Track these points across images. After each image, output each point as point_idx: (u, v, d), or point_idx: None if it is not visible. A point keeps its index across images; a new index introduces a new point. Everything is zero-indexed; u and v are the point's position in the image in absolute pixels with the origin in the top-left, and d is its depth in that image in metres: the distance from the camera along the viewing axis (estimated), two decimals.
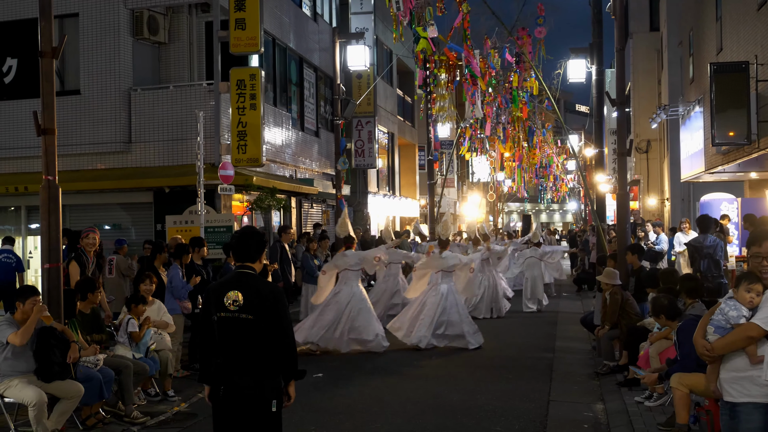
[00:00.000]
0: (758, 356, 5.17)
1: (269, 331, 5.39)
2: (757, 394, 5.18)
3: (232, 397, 5.44)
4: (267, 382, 5.41)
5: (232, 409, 5.46)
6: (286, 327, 5.49)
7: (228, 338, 5.44)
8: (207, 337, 5.61)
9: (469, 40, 22.07)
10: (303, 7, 24.62)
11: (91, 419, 8.90)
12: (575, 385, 11.29)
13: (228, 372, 5.43)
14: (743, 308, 5.32)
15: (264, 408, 5.40)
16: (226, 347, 5.45)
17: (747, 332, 5.18)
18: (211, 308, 5.52)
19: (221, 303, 5.44)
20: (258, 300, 5.41)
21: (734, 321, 5.32)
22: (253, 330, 5.37)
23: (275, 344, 5.42)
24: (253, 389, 5.36)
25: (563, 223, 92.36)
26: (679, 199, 28.07)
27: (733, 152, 16.73)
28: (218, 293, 5.49)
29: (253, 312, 5.39)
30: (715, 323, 5.45)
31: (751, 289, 5.33)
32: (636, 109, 33.84)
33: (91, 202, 18.87)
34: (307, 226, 23.85)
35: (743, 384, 5.23)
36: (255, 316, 5.39)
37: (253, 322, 5.38)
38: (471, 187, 51.23)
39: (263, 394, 5.41)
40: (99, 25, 18.67)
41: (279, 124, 21.44)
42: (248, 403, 5.38)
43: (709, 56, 19.30)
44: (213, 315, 5.50)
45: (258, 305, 5.40)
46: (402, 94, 37.36)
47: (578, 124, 69.03)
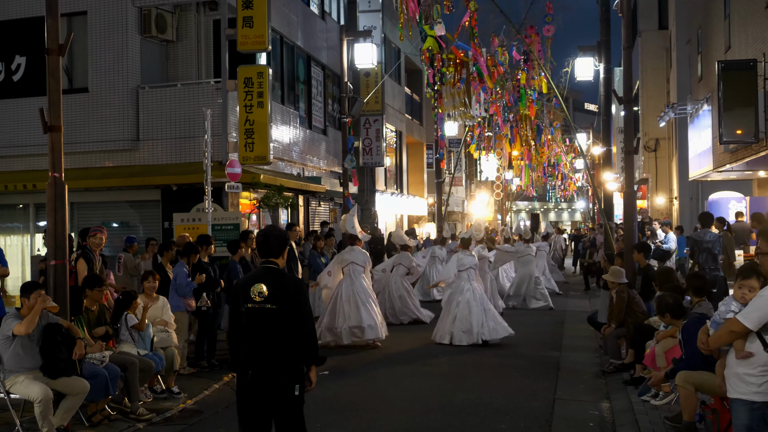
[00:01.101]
0: (744, 352, 5.22)
1: (291, 320, 5.86)
2: (744, 392, 5.27)
3: (258, 381, 5.85)
4: (290, 368, 5.86)
5: (258, 393, 5.87)
6: (307, 316, 5.95)
7: (254, 327, 5.90)
8: (236, 328, 6.04)
9: (477, 38, 22.02)
10: (311, 5, 24.63)
11: (97, 416, 8.92)
12: (581, 384, 11.29)
13: (255, 358, 5.85)
14: (733, 303, 5.42)
15: (287, 392, 5.84)
16: (252, 335, 5.90)
17: (730, 326, 5.29)
18: (239, 300, 5.97)
19: (248, 295, 5.91)
20: (281, 292, 5.89)
21: (722, 316, 5.42)
22: (277, 319, 5.85)
23: (297, 332, 5.88)
24: (278, 374, 5.80)
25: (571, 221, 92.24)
26: (687, 197, 28.01)
27: (741, 150, 16.69)
28: (246, 286, 5.97)
29: (277, 302, 5.86)
30: (714, 319, 5.57)
31: (743, 285, 5.42)
32: (644, 107, 33.78)
33: (99, 199, 18.90)
34: (315, 224, 23.84)
35: (734, 380, 5.34)
36: (279, 307, 5.86)
37: (277, 311, 5.85)
38: (479, 185, 51.19)
39: (287, 379, 5.84)
40: (107, 22, 18.69)
41: (286, 122, 21.45)
42: (273, 387, 5.80)
43: (718, 54, 19.25)
44: (241, 306, 5.95)
45: (281, 296, 5.88)
46: (410, 92, 37.33)
47: (587, 122, 68.95)
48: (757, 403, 5.18)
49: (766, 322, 5.12)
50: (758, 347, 5.18)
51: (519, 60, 26.20)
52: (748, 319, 5.14)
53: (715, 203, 22.49)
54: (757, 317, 5.12)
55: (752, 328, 5.12)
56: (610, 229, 18.48)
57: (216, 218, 16.29)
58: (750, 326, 5.12)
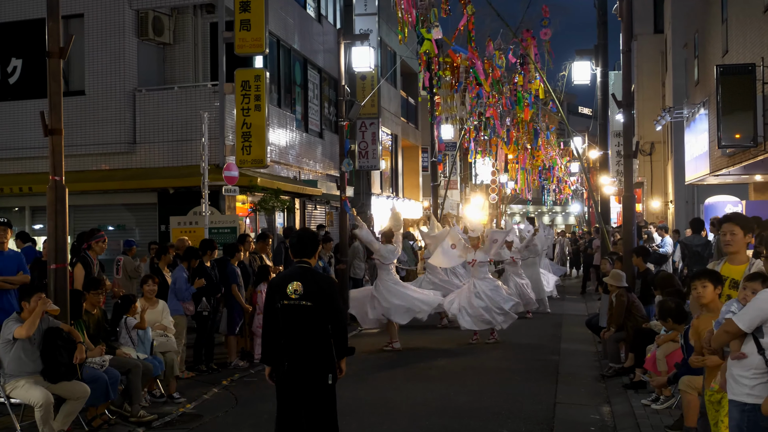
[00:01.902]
0: (737, 353, 5.25)
1: (324, 316, 6.40)
2: (737, 393, 5.33)
3: (294, 372, 6.39)
4: (323, 359, 6.41)
5: (294, 383, 6.41)
6: (338, 311, 6.54)
7: (290, 322, 6.41)
8: (270, 323, 6.57)
9: (474, 42, 22.03)
10: (307, 8, 24.61)
11: (97, 420, 8.90)
12: (581, 388, 11.29)
13: (290, 350, 6.39)
14: (734, 304, 5.47)
15: (321, 381, 6.40)
16: (288, 330, 6.41)
17: (725, 327, 5.38)
18: (275, 297, 6.49)
19: (284, 292, 6.43)
20: (316, 289, 6.42)
21: (722, 316, 5.48)
22: (312, 315, 6.39)
23: (330, 326, 6.44)
24: (312, 365, 6.33)
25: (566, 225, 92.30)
26: (683, 201, 28.03)
27: (738, 154, 16.71)
28: (281, 284, 6.51)
29: (312, 299, 6.39)
30: (718, 320, 5.58)
31: (747, 287, 5.49)
32: (640, 111, 33.82)
33: (95, 202, 18.83)
34: (311, 228, 23.81)
35: (729, 381, 5.39)
36: (313, 303, 6.39)
37: (311, 308, 6.38)
38: (474, 189, 51.19)
39: (320, 369, 6.40)
40: (104, 25, 18.64)
41: (283, 125, 21.43)
42: (307, 377, 6.34)
43: (715, 58, 19.27)
44: (276, 303, 6.46)
45: (315, 293, 6.41)
46: (406, 96, 37.33)
47: (581, 126, 68.98)
48: (749, 405, 5.20)
49: (761, 325, 5.14)
50: (752, 349, 5.20)
51: (515, 62, 26.19)
52: (741, 321, 5.18)
53: (711, 207, 22.49)
54: (749, 319, 5.16)
55: (745, 330, 5.16)
56: (607, 233, 18.49)
57: (213, 221, 16.25)
58: (743, 327, 5.16)
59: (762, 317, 5.12)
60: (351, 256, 20.16)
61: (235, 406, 10.29)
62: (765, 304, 5.13)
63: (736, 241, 6.56)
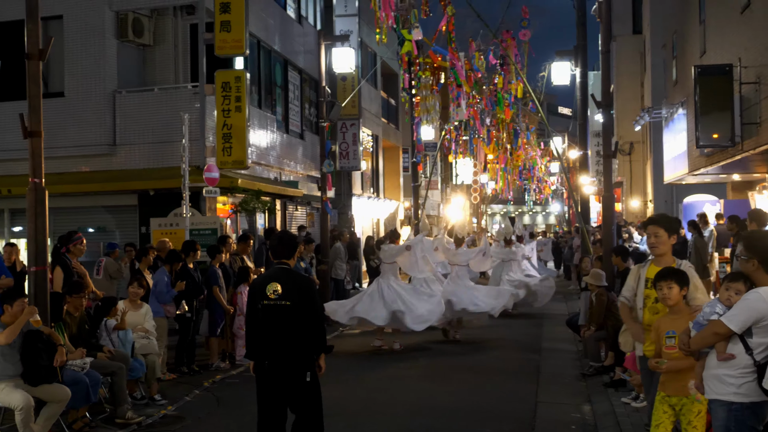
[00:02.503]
0: (725, 354, 5.26)
1: (303, 315, 6.60)
2: (722, 392, 5.30)
3: (274, 369, 6.62)
4: (301, 357, 6.63)
5: (274, 380, 6.64)
6: (317, 311, 6.81)
7: (270, 321, 6.64)
8: (252, 322, 6.81)
9: (454, 42, 22.09)
10: (288, 9, 24.58)
11: (78, 423, 8.87)
12: (562, 387, 11.35)
13: (270, 349, 6.63)
14: (718, 305, 5.44)
15: (300, 377, 6.61)
16: (268, 329, 6.65)
17: (714, 328, 5.31)
18: (256, 297, 6.74)
19: (264, 293, 6.67)
20: (294, 289, 6.66)
21: (706, 317, 5.45)
22: (291, 314, 6.61)
23: (308, 325, 6.64)
24: (291, 363, 6.54)
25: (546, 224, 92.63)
26: (662, 200, 28.22)
27: (716, 154, 16.83)
28: (262, 285, 6.76)
29: (290, 299, 6.63)
30: (696, 321, 5.59)
31: (730, 287, 5.46)
32: (619, 111, 34.00)
33: (75, 204, 18.72)
34: (292, 229, 23.79)
35: (714, 381, 5.37)
36: (292, 303, 6.62)
37: (290, 307, 6.61)
38: (455, 189, 51.30)
39: (299, 367, 6.62)
40: (83, 27, 18.55)
41: (264, 126, 21.40)
42: (287, 374, 6.55)
43: (693, 59, 19.40)
44: (258, 303, 6.70)
45: (294, 293, 6.64)
46: (386, 97, 37.33)
47: (561, 126, 69.25)
48: (736, 404, 5.22)
49: (751, 326, 5.17)
50: (740, 349, 5.21)
51: (495, 64, 26.29)
52: (733, 322, 5.17)
53: (690, 206, 22.71)
54: (742, 320, 5.16)
55: (737, 331, 5.16)
56: (587, 232, 18.59)
57: (194, 223, 16.22)
58: (735, 329, 5.16)
59: (754, 318, 5.13)
60: (332, 257, 20.17)
61: (217, 408, 10.28)
62: (756, 304, 5.14)
63: (661, 242, 6.67)
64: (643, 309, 6.67)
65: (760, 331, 5.14)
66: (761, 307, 5.11)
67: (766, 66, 13.12)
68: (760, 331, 5.13)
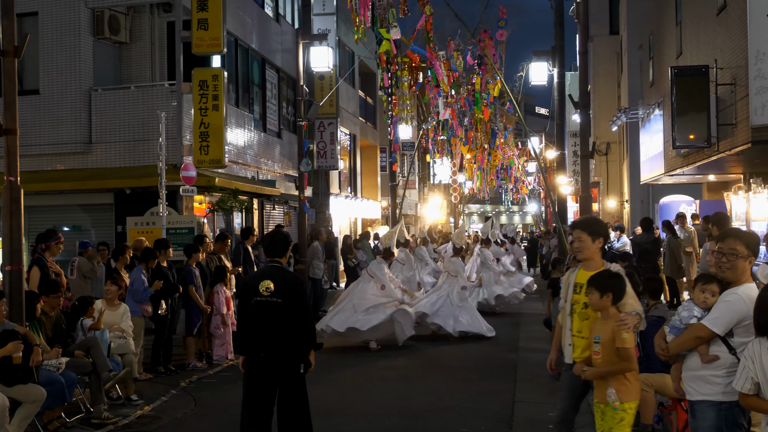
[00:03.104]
0: (709, 356, 5.26)
1: (293, 311, 6.85)
2: (709, 393, 5.27)
3: (269, 361, 6.88)
4: (292, 351, 6.90)
5: (268, 371, 6.89)
6: (306, 308, 7.07)
7: (263, 317, 6.90)
8: (244, 318, 7.11)
9: (432, 42, 22.10)
10: (265, 7, 24.52)
11: (54, 423, 8.79)
12: (539, 386, 11.35)
13: (265, 343, 6.87)
14: (695, 308, 5.41)
15: (293, 370, 6.91)
16: (262, 324, 6.90)
17: (696, 332, 5.29)
18: (249, 294, 7.00)
19: (257, 290, 6.92)
20: (285, 287, 6.90)
21: (685, 321, 5.41)
22: (282, 310, 6.85)
23: (298, 321, 6.90)
24: (284, 355, 6.75)
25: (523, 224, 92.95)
26: (638, 201, 28.37)
27: (692, 155, 16.95)
28: (254, 282, 7.01)
29: (282, 296, 6.87)
30: (671, 324, 5.55)
31: (705, 290, 5.43)
32: (596, 111, 34.13)
33: (51, 203, 18.59)
34: (269, 228, 23.74)
35: (698, 383, 5.33)
36: (283, 300, 6.87)
37: (281, 304, 6.86)
38: (432, 188, 51.35)
39: (292, 359, 6.90)
40: (59, 24, 18.43)
41: (241, 125, 21.33)
42: (280, 367, 6.77)
43: (669, 60, 19.52)
44: (250, 299, 6.96)
45: (285, 291, 6.89)
46: (364, 96, 37.32)
47: (538, 126, 69.41)
48: (725, 403, 5.21)
49: (732, 326, 5.17)
50: (723, 350, 5.21)
51: (473, 64, 26.33)
52: (716, 326, 5.16)
53: (666, 206, 22.86)
54: (725, 323, 5.16)
55: (721, 334, 5.16)
56: (564, 232, 18.65)
57: (170, 222, 16.13)
58: (718, 332, 5.15)
59: (737, 319, 5.13)
60: (310, 257, 20.13)
61: (194, 408, 10.22)
62: (737, 306, 5.13)
63: (584, 247, 6.50)
64: (572, 315, 6.48)
65: (741, 331, 5.15)
66: (742, 308, 5.13)
67: (742, 67, 13.22)
68: (742, 331, 5.15)
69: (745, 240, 5.34)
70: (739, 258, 5.26)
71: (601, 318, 6.11)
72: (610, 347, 5.91)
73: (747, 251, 5.28)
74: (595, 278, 6.15)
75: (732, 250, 5.28)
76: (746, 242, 5.32)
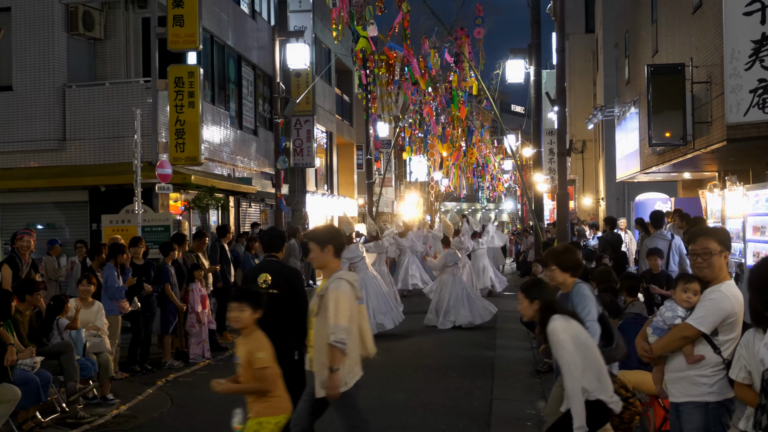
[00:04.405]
0: (694, 356, 5.23)
1: (290, 302, 7.23)
2: (695, 394, 5.24)
3: None
4: (289, 338, 7.21)
5: None
6: (302, 298, 7.42)
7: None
8: None
9: (409, 39, 22.08)
10: (241, 4, 24.41)
11: (28, 423, 8.70)
12: (517, 383, 11.38)
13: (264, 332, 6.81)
14: (679, 308, 5.39)
15: (289, 357, 7.11)
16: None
17: (682, 332, 5.25)
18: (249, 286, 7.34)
19: (256, 282, 7.34)
20: (282, 279, 7.38)
21: (670, 321, 5.37)
22: (279, 301, 7.14)
23: (294, 311, 7.26)
24: (280, 343, 6.63)
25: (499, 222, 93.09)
26: (614, 198, 28.50)
27: (668, 153, 17.01)
28: (254, 275, 7.54)
29: (278, 288, 7.28)
30: (654, 325, 5.50)
31: (687, 289, 5.41)
32: (572, 109, 34.26)
33: (24, 200, 18.43)
34: (246, 226, 23.65)
35: (683, 384, 5.29)
36: (280, 291, 7.25)
37: (278, 295, 7.19)
38: (408, 186, 51.38)
39: (288, 346, 7.14)
40: (32, 19, 18.23)
41: (217, 122, 21.22)
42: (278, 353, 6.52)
43: (645, 58, 19.59)
44: None
45: (282, 283, 7.33)
46: (340, 93, 37.28)
47: (514, 124, 69.68)
48: (712, 404, 5.18)
49: (717, 325, 5.16)
50: (707, 349, 5.19)
51: (450, 63, 26.34)
52: (703, 325, 5.14)
53: (642, 204, 22.91)
54: (711, 321, 5.13)
55: (707, 333, 5.14)
56: (540, 230, 18.70)
57: (146, 220, 16.02)
58: (705, 330, 5.12)
59: (722, 317, 5.12)
60: (287, 255, 20.05)
61: (171, 407, 10.14)
62: (722, 303, 5.12)
63: (315, 257, 6.69)
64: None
65: (726, 329, 5.15)
66: (727, 305, 5.13)
67: (717, 66, 13.28)
68: (726, 329, 5.15)
69: (716, 236, 5.35)
70: (714, 255, 5.26)
71: (242, 337, 5.99)
72: (248, 367, 5.79)
73: (720, 247, 5.28)
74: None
75: (705, 249, 5.28)
76: (717, 238, 5.32)
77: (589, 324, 6.24)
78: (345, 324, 6.19)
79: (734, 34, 12.42)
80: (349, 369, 6.45)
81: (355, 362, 6.55)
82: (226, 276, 15.53)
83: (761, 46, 12.03)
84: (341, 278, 6.43)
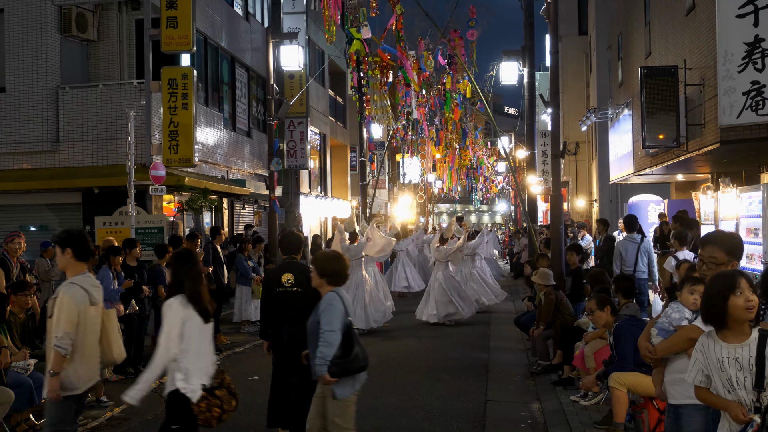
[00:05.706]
0: None
1: (311, 299, 7.15)
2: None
3: (292, 341, 7.75)
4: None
5: (292, 348, 7.63)
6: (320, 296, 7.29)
7: (286, 305, 8.00)
8: (268, 307, 8.26)
9: (403, 41, 22.07)
10: (235, 6, 24.40)
11: (21, 426, 8.67)
12: (511, 385, 11.39)
13: (289, 326, 7.92)
14: (686, 310, 5.37)
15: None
16: (285, 311, 8.01)
17: (688, 334, 5.20)
18: (272, 286, 8.13)
19: (280, 282, 8.05)
20: (303, 278, 7.72)
21: (676, 323, 5.34)
22: (301, 298, 7.81)
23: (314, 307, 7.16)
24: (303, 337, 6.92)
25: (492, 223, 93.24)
26: (607, 200, 28.52)
27: (661, 154, 17.03)
28: (277, 275, 8.14)
29: (301, 286, 7.86)
30: (659, 326, 5.47)
31: (694, 291, 5.37)
32: (565, 111, 34.28)
33: (17, 202, 18.40)
34: (239, 228, 23.63)
35: (684, 386, 5.23)
36: (302, 290, 7.80)
37: (301, 293, 7.84)
38: (402, 188, 51.37)
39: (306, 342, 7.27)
40: (25, 21, 18.20)
41: (211, 124, 21.20)
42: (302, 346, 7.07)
43: (638, 60, 19.62)
44: (273, 290, 8.09)
45: (304, 282, 7.67)
46: (334, 95, 37.27)
47: (508, 126, 69.69)
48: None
49: None
50: None
51: (444, 64, 26.34)
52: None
53: (635, 206, 22.95)
54: None
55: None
56: (534, 231, 18.71)
57: (140, 222, 16.00)
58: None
59: None
60: (280, 256, 20.03)
61: (164, 409, 10.09)
62: None
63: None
64: None
65: None
66: None
67: (710, 68, 13.30)
68: None
69: (725, 246, 5.29)
70: (719, 265, 5.20)
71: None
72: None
73: (727, 257, 5.23)
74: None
75: (711, 258, 5.25)
76: (726, 248, 5.27)
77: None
78: (67, 329, 6.16)
79: (727, 36, 12.43)
80: (83, 374, 6.43)
81: (92, 368, 6.60)
82: (219, 278, 15.51)
83: (754, 49, 12.04)
84: (74, 283, 6.38)
